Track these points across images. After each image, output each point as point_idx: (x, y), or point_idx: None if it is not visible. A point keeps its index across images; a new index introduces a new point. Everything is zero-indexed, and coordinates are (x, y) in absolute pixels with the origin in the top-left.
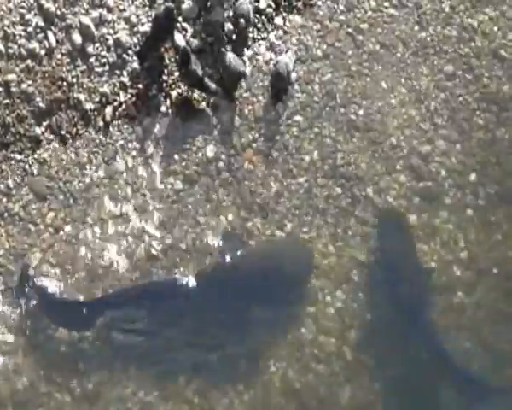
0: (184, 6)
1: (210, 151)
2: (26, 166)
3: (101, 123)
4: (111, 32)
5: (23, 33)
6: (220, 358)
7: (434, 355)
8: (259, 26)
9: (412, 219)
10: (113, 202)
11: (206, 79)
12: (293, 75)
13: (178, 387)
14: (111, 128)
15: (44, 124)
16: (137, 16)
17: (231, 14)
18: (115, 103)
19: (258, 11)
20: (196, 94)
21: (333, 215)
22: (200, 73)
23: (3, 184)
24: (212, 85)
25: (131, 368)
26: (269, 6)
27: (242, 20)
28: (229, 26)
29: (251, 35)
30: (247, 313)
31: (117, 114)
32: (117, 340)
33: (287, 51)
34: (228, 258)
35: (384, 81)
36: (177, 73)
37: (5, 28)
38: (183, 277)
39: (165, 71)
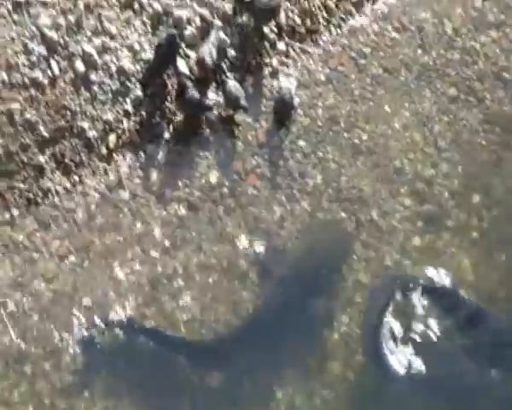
0: (187, 32)
1: (213, 177)
2: (30, 196)
3: (104, 151)
4: (114, 59)
5: (26, 62)
6: (224, 384)
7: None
8: (262, 51)
9: (416, 242)
10: (117, 229)
11: (205, 109)
12: (297, 100)
13: None
14: (114, 155)
15: (48, 152)
16: (140, 43)
17: None
18: (118, 131)
19: (261, 37)
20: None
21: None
22: (196, 102)
23: (8, 213)
24: (211, 116)
25: (137, 396)
26: (271, 31)
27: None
28: (231, 52)
29: (254, 61)
30: None
31: (120, 141)
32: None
33: (289, 76)
34: None
35: (387, 105)
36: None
37: (8, 57)
38: None
39: (168, 98)
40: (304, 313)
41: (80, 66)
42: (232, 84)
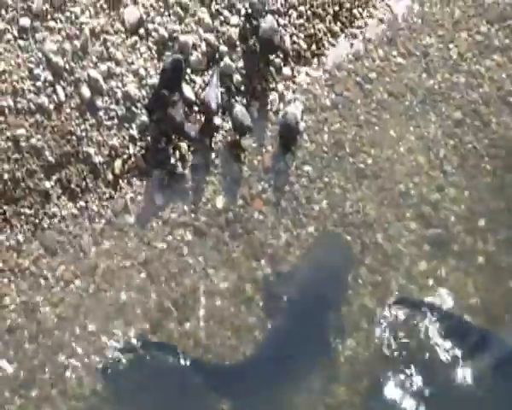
0: (192, 58)
1: (219, 202)
2: (36, 221)
3: (110, 176)
4: (119, 85)
5: (32, 88)
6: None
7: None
8: (268, 76)
9: (422, 266)
10: (123, 254)
11: (186, 126)
12: (302, 125)
13: None
14: (120, 181)
15: (54, 178)
16: (146, 69)
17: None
18: (124, 156)
19: (266, 63)
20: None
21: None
22: (179, 118)
23: (14, 239)
24: (192, 132)
25: None
26: (277, 56)
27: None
28: (237, 77)
29: (259, 86)
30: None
31: (126, 167)
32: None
33: (295, 101)
34: None
35: (392, 129)
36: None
37: (14, 83)
38: None
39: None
40: (311, 337)
41: (86, 91)
42: (238, 109)
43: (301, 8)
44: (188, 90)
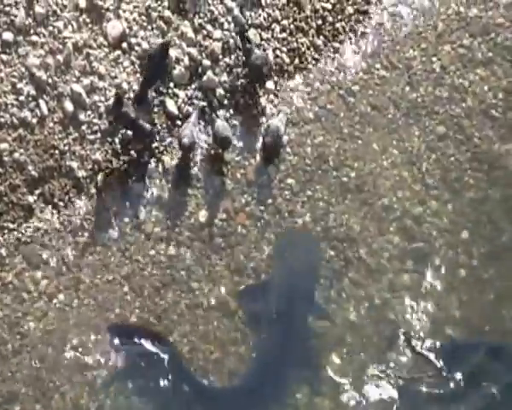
0: (175, 72)
1: (202, 216)
2: (19, 235)
3: (93, 190)
4: (102, 99)
5: (15, 102)
6: None
7: None
8: (251, 90)
9: (405, 280)
10: (106, 268)
11: (140, 121)
12: (285, 138)
13: None
14: (103, 195)
15: (37, 192)
16: (129, 83)
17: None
18: (107, 170)
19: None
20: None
21: (326, 277)
22: (132, 115)
23: None
24: (146, 126)
25: None
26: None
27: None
28: (220, 91)
29: (242, 100)
30: None
31: (109, 180)
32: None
33: (278, 114)
34: None
35: (376, 143)
36: (169, 139)
37: None
38: None
39: (157, 137)
40: (294, 350)
41: (69, 105)
42: (220, 123)
43: (284, 21)
44: (170, 104)
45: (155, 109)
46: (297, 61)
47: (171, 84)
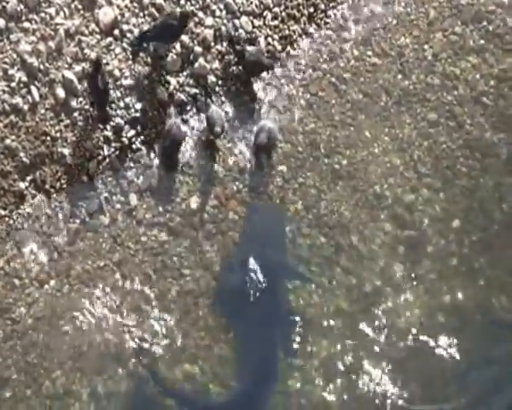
0: (168, 59)
1: (194, 202)
2: (11, 221)
3: (85, 177)
4: None
5: (6, 89)
6: None
7: None
8: (242, 77)
9: (396, 268)
10: (97, 254)
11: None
12: (279, 137)
13: None
14: (95, 181)
15: (28, 179)
16: (120, 70)
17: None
18: (99, 157)
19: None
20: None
21: (317, 264)
22: (102, 87)
23: None
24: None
25: None
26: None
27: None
28: (212, 78)
29: (234, 87)
30: None
31: (101, 167)
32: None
33: (269, 111)
34: None
35: (367, 130)
36: (160, 126)
37: None
38: None
39: (149, 124)
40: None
41: (61, 92)
42: (214, 109)
43: (276, 9)
44: (161, 91)
45: (147, 96)
46: (289, 48)
47: (163, 72)
